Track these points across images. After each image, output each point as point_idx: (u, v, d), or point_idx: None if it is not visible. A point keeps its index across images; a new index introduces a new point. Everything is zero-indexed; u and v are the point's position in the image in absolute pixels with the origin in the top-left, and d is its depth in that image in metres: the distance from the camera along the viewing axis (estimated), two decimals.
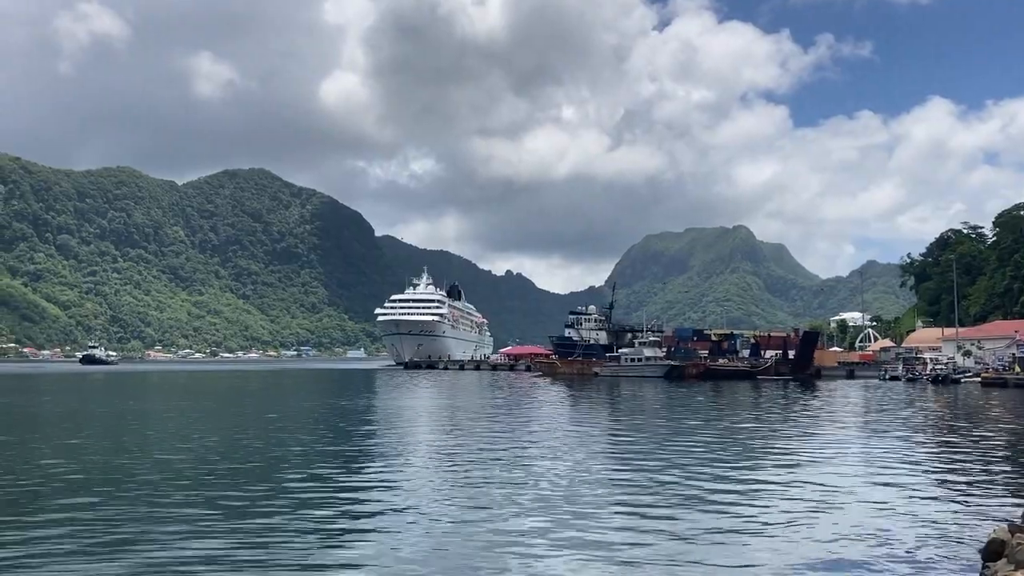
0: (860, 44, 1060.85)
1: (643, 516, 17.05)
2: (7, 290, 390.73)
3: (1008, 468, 24.44)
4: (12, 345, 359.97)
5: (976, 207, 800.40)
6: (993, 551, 12.64)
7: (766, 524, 16.45)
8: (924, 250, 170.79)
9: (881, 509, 17.90)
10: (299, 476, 22.84)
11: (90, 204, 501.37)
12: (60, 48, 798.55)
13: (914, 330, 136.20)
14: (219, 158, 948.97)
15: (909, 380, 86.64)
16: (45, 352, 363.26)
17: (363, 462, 26.14)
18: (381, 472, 23.69)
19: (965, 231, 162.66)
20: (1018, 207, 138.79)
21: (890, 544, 14.85)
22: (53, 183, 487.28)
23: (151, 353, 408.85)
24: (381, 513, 17.68)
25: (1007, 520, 14.69)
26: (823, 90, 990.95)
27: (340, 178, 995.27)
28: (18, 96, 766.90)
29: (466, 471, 23.52)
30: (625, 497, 19.25)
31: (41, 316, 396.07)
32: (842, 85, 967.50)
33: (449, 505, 18.47)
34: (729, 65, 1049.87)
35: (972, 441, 31.54)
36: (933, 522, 16.58)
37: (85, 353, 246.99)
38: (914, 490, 20.35)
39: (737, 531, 15.91)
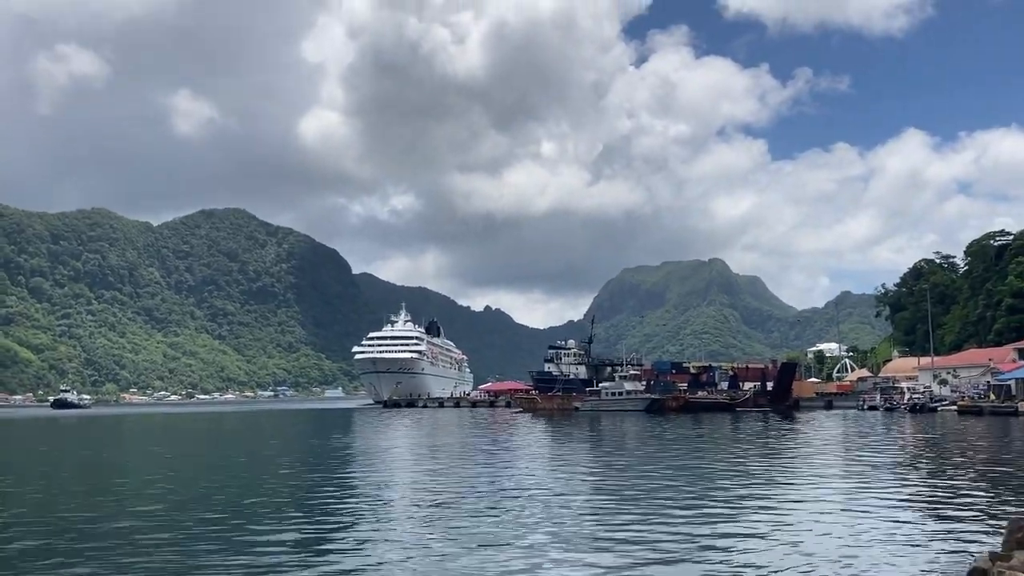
0: (838, 78, 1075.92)
1: (632, 553, 16.89)
2: None
3: (986, 496, 24.51)
4: None
5: (950, 237, 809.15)
6: None
7: (748, 558, 16.34)
8: (898, 280, 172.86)
9: (862, 539, 17.86)
10: (274, 523, 22.50)
11: (64, 246, 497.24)
12: (38, 89, 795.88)
13: (891, 360, 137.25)
14: (196, 197, 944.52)
15: (887, 410, 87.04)
16: (17, 397, 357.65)
17: (341, 503, 25.77)
18: (361, 516, 23.37)
19: (938, 261, 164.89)
20: (988, 236, 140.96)
21: (871, 574, 14.79)
22: (26, 225, 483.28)
23: (126, 396, 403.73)
24: (360, 552, 17.43)
25: (988, 548, 14.68)
26: (801, 123, 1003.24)
27: (320, 216, 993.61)
28: None
29: (449, 510, 23.26)
30: (612, 532, 19.09)
31: (13, 360, 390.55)
32: (820, 118, 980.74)
33: (434, 545, 18.22)
34: (707, 99, 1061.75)
35: (950, 469, 31.65)
36: (914, 551, 16.55)
37: (57, 397, 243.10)
38: (894, 519, 20.34)
39: (719, 563, 15.79)
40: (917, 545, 17.26)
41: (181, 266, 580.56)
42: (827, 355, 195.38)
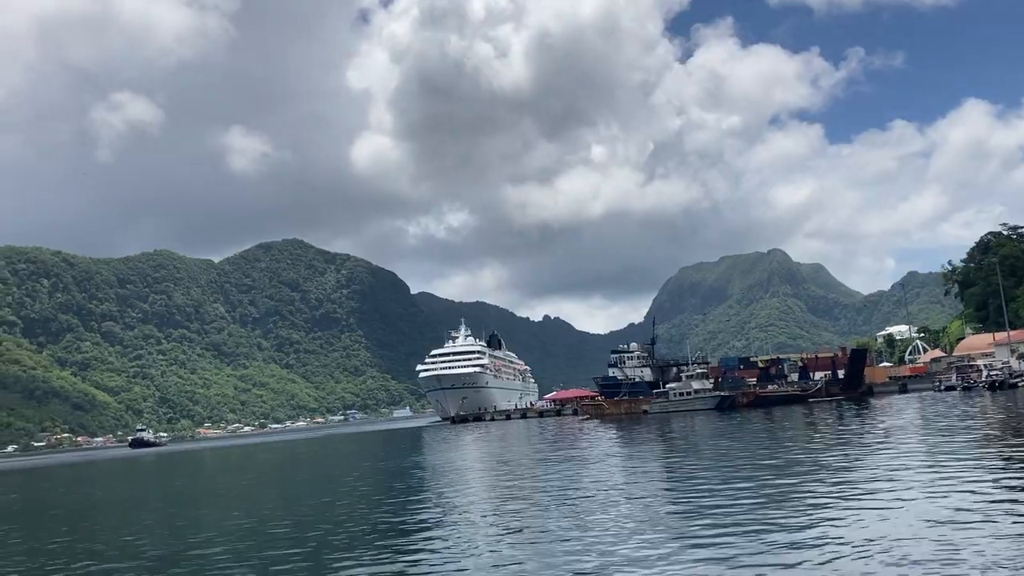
0: (891, 54, 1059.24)
1: (722, 555, 16.59)
2: (57, 381, 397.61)
3: None
4: (66, 435, 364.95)
5: (1021, 206, 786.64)
6: None
7: (841, 548, 15.90)
8: (964, 256, 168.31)
9: (956, 524, 17.23)
10: (367, 543, 22.60)
11: (131, 289, 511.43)
12: (98, 139, 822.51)
13: (964, 338, 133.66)
14: (254, 231, 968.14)
15: (964, 389, 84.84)
16: (98, 439, 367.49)
17: (427, 520, 25.77)
18: (445, 532, 23.35)
19: (1005, 232, 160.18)
20: None
21: (966, 561, 14.27)
22: (94, 272, 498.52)
23: (201, 431, 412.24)
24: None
25: None
26: (857, 104, 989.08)
27: (378, 239, 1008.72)
28: (60, 190, 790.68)
29: (535, 521, 23.11)
30: (707, 537, 18.78)
31: (92, 404, 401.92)
32: (875, 97, 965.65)
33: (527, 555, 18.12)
34: (758, 88, 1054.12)
35: None
36: (1011, 530, 15.96)
37: (134, 437, 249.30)
38: (990, 503, 19.58)
39: (810, 552, 15.40)
40: (1016, 528, 16.62)
41: (245, 300, 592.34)
42: (897, 338, 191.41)
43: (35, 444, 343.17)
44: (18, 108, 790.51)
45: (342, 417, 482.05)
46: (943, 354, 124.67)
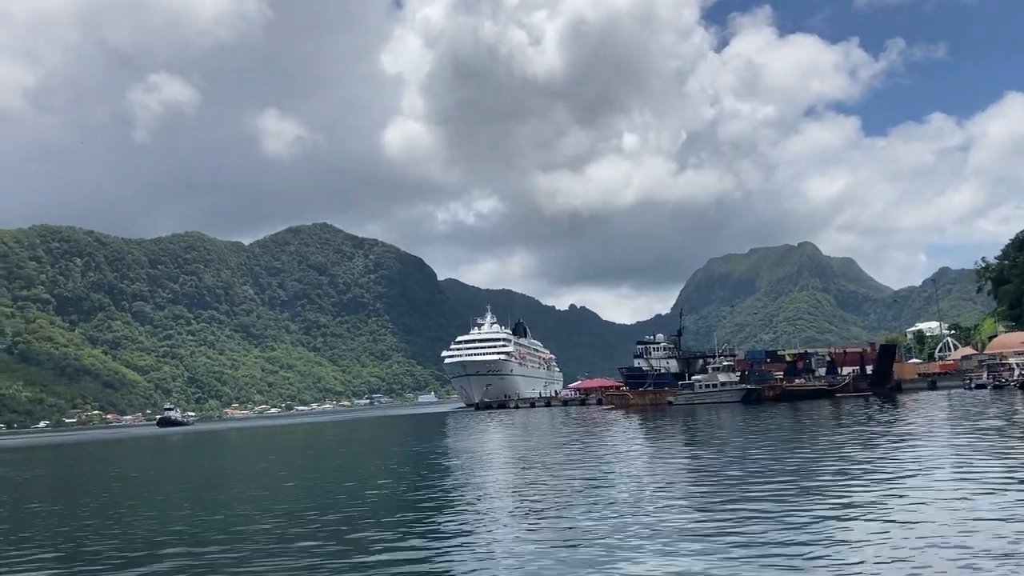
0: (933, 46, 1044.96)
1: (756, 548, 16.64)
2: (88, 359, 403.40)
3: None
4: (96, 412, 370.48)
5: None
6: None
7: (862, 550, 15.91)
8: (999, 253, 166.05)
9: (980, 525, 17.16)
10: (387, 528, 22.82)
11: (162, 270, 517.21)
12: (134, 119, 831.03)
13: (996, 335, 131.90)
14: (285, 215, 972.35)
15: (995, 387, 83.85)
16: (127, 417, 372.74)
17: (450, 505, 25.98)
18: (465, 519, 23.53)
19: None
20: None
21: (988, 565, 14.23)
22: (126, 253, 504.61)
23: (229, 411, 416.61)
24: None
25: None
26: (897, 96, 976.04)
27: (407, 224, 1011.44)
28: (96, 170, 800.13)
29: (557, 510, 23.25)
30: (742, 533, 18.82)
31: (121, 382, 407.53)
32: (915, 89, 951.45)
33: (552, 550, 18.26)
34: (794, 79, 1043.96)
35: None
36: None
37: (161, 416, 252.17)
38: (1016, 498, 19.47)
39: (843, 552, 15.42)
40: None
41: (274, 282, 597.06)
42: (927, 334, 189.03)
43: (66, 420, 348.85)
44: (57, 89, 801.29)
45: (368, 401, 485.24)
46: (974, 352, 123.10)
